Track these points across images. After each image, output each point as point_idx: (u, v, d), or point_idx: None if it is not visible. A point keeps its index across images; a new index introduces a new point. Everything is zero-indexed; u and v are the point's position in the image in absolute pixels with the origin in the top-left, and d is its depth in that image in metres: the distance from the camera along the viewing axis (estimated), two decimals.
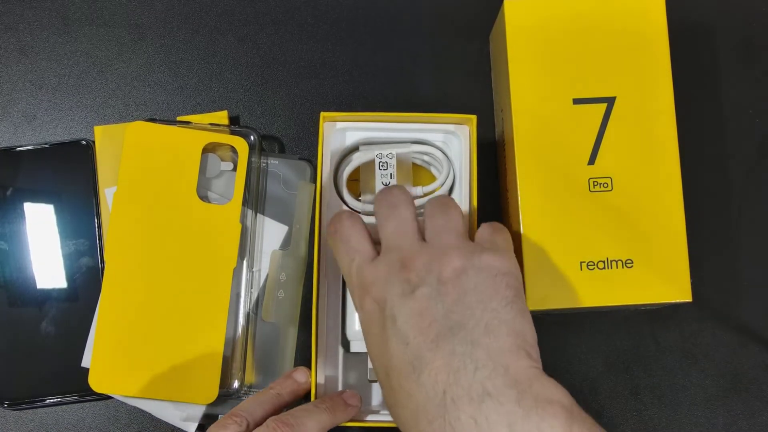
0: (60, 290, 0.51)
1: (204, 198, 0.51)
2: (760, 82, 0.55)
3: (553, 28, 0.48)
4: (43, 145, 0.53)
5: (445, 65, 0.55)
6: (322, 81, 0.55)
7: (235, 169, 0.51)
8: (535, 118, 0.47)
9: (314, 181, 0.52)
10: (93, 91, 0.55)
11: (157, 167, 0.50)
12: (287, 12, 0.56)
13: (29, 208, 0.52)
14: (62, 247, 0.51)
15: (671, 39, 0.48)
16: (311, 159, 0.53)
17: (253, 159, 0.51)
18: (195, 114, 0.53)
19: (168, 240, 0.50)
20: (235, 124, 0.54)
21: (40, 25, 0.55)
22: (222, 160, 0.52)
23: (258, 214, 0.51)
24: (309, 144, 0.54)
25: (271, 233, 0.52)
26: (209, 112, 0.54)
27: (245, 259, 0.50)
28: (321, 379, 0.47)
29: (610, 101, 0.47)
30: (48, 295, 0.51)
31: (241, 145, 0.51)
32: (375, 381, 0.48)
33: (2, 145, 0.54)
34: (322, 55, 0.56)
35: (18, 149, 0.53)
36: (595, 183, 0.47)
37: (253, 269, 0.51)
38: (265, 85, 0.55)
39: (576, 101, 0.47)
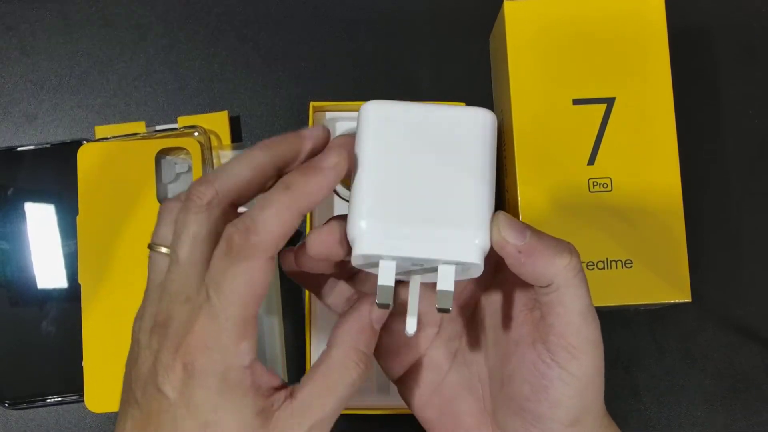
0: (61, 290, 0.51)
1: None
2: (760, 82, 0.55)
3: (553, 29, 0.48)
4: (44, 145, 0.53)
5: (446, 65, 0.56)
6: (323, 81, 0.55)
7: (191, 169, 0.51)
8: (535, 119, 0.47)
9: None
10: (94, 91, 0.55)
11: (114, 183, 0.50)
12: (288, 12, 0.56)
13: (30, 207, 0.52)
14: (63, 247, 0.52)
15: (671, 39, 0.48)
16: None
17: (206, 156, 0.51)
18: (195, 114, 0.53)
19: (138, 252, 0.50)
20: (236, 125, 0.54)
21: (41, 26, 0.56)
22: (177, 163, 0.52)
23: None
24: None
25: None
26: (210, 112, 0.54)
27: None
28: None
29: (609, 102, 0.47)
30: (49, 294, 0.51)
31: (191, 145, 0.51)
32: None
33: (3, 145, 0.54)
34: (323, 56, 0.56)
35: (19, 149, 0.53)
36: (595, 183, 0.47)
37: None
38: (265, 85, 0.55)
39: (576, 102, 0.48)
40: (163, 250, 0.32)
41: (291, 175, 0.31)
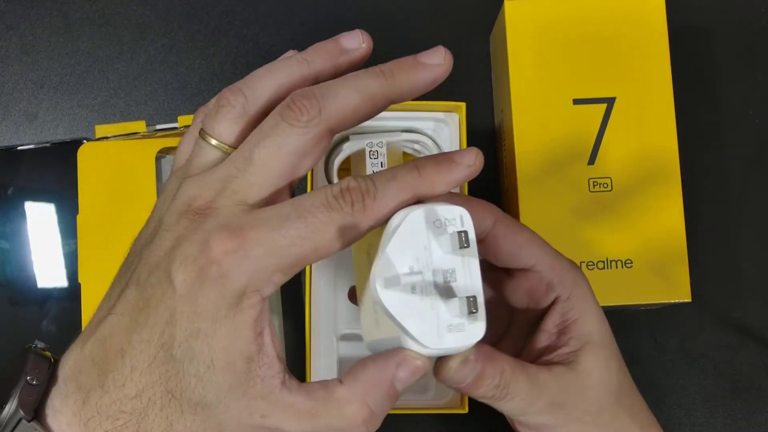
0: (61, 289, 0.51)
1: None
2: (760, 82, 0.55)
3: (553, 29, 0.48)
4: (45, 144, 0.53)
5: None
6: None
7: None
8: (535, 118, 0.47)
9: None
10: (94, 91, 0.55)
11: (114, 183, 0.50)
12: (288, 12, 0.56)
13: (30, 207, 0.52)
14: (63, 246, 0.52)
15: (671, 40, 0.48)
16: None
17: None
18: None
19: None
20: None
21: (41, 25, 0.56)
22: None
23: None
24: None
25: None
26: None
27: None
28: (315, 368, 0.47)
29: (610, 102, 0.47)
30: (49, 294, 0.51)
31: None
32: None
33: (3, 144, 0.54)
34: None
35: (19, 148, 0.53)
36: (595, 183, 0.47)
37: None
38: None
39: (576, 101, 0.48)
40: (213, 142, 0.30)
41: (425, 159, 0.29)
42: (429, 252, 0.28)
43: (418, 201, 0.29)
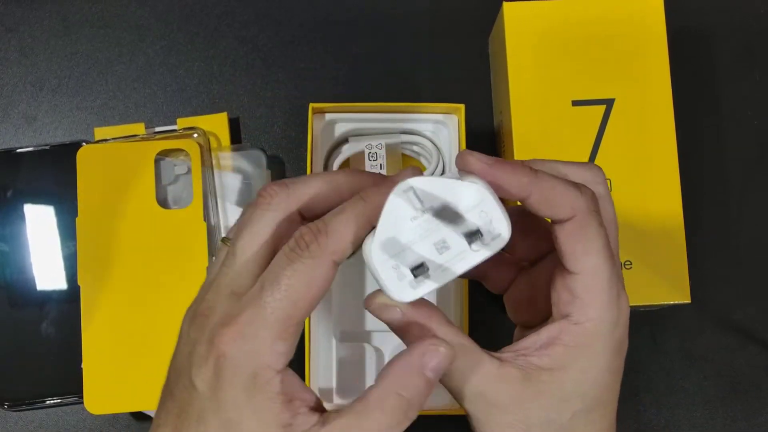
0: (60, 291, 0.51)
1: (165, 204, 0.51)
2: (759, 83, 0.55)
3: (552, 31, 0.48)
4: (44, 147, 0.53)
5: (445, 67, 0.56)
6: (322, 83, 0.55)
7: (190, 171, 0.51)
8: (534, 120, 0.47)
9: (269, 168, 0.52)
10: (93, 93, 0.55)
11: (113, 185, 0.50)
12: (287, 13, 0.56)
13: (30, 209, 0.52)
14: (62, 248, 0.52)
15: (670, 41, 0.48)
16: (263, 147, 0.53)
17: (205, 157, 0.51)
18: (195, 116, 0.53)
19: (138, 253, 0.50)
20: (235, 126, 0.54)
21: (40, 27, 0.56)
22: (176, 164, 0.52)
23: (221, 209, 0.51)
24: None
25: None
26: (209, 113, 0.54)
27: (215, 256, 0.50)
28: (315, 369, 0.48)
29: (609, 103, 0.47)
30: (48, 296, 0.51)
31: (190, 146, 0.51)
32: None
33: (2, 147, 0.54)
34: (322, 58, 0.56)
35: (18, 150, 0.53)
36: None
37: None
38: (264, 86, 0.55)
39: (575, 103, 0.48)
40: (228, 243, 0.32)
41: (367, 189, 0.31)
42: (454, 217, 0.29)
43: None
